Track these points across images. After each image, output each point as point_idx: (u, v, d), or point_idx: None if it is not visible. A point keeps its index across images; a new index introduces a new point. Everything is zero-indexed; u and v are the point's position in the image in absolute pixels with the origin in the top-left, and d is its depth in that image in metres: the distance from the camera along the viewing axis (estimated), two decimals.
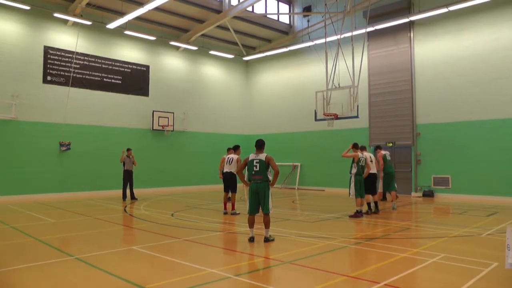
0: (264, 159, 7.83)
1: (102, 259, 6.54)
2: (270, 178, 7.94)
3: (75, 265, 6.19)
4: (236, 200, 12.25)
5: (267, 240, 7.82)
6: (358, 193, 11.38)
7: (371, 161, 12.27)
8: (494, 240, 8.05)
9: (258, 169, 7.81)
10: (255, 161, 7.87)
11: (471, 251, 7.07)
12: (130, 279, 5.38)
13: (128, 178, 15.56)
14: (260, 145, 8.05)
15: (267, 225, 7.87)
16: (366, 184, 11.80)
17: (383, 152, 13.00)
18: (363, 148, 12.41)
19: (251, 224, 7.92)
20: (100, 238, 8.53)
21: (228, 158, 12.07)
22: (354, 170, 11.54)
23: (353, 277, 5.49)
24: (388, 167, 12.95)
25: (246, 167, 8.11)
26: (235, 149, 12.29)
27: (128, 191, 15.70)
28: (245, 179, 8.31)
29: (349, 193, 11.52)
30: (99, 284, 5.31)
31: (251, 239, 7.82)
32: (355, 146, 11.97)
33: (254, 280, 5.49)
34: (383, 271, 5.86)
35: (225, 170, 12.06)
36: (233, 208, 11.93)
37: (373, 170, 12.22)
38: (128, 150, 15.70)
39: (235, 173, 11.75)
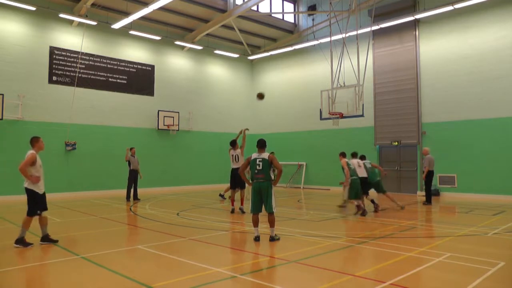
0: (267, 158, 7.93)
1: (108, 258, 6.57)
2: (273, 177, 8.00)
3: (81, 264, 6.22)
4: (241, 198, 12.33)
5: (272, 239, 7.86)
6: (353, 195, 11.54)
7: (359, 166, 12.23)
8: (501, 239, 8.01)
9: (261, 167, 7.89)
10: (258, 160, 7.95)
11: (477, 250, 7.03)
12: (136, 278, 5.41)
13: (134, 178, 15.27)
14: (262, 144, 8.17)
15: (272, 224, 7.91)
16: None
17: (346, 159, 12.46)
18: (354, 155, 12.68)
19: (255, 223, 7.93)
20: (106, 237, 8.57)
21: (234, 155, 12.09)
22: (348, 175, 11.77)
23: (358, 277, 5.48)
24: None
25: (249, 166, 8.16)
26: (233, 144, 12.17)
27: (132, 190, 15.54)
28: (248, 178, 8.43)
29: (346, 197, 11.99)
30: (105, 283, 5.33)
31: (257, 238, 7.83)
32: (342, 154, 12.36)
33: (260, 279, 5.49)
34: (389, 270, 5.85)
35: (233, 167, 12.07)
36: (242, 203, 11.97)
37: (363, 174, 12.16)
38: (132, 149, 15.38)
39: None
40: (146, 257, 6.74)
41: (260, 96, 13.22)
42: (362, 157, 13.00)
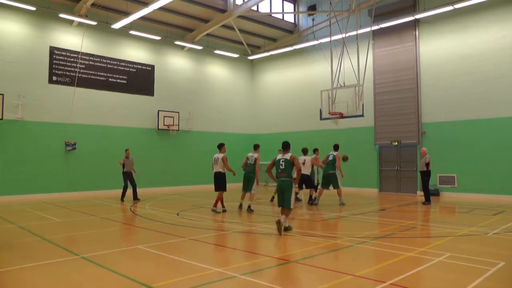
0: (289, 158, 8.67)
1: (108, 258, 6.57)
2: (295, 176, 8.68)
3: (81, 264, 6.22)
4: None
5: (285, 229, 8.63)
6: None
7: (303, 163, 13.58)
8: (501, 239, 8.00)
9: (283, 167, 8.67)
10: (281, 160, 8.75)
11: (477, 250, 7.03)
12: (136, 278, 5.40)
13: (128, 179, 14.97)
14: (286, 146, 8.93)
15: (286, 215, 8.69)
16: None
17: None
18: (304, 151, 14.30)
19: (282, 212, 8.74)
20: (106, 237, 8.56)
21: (215, 158, 12.07)
22: None
23: (358, 276, 5.48)
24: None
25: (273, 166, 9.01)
26: (220, 147, 12.16)
27: (128, 191, 15.23)
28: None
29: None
30: (105, 283, 5.33)
31: (278, 222, 8.37)
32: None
33: (260, 279, 5.48)
34: (389, 270, 5.84)
35: (214, 170, 12.08)
36: (215, 205, 11.99)
37: (305, 171, 13.41)
38: (126, 150, 15.17)
39: (223, 172, 11.94)
40: (146, 257, 6.73)
41: (346, 158, 14.81)
42: (335, 147, 14.48)
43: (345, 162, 15.64)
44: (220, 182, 12.02)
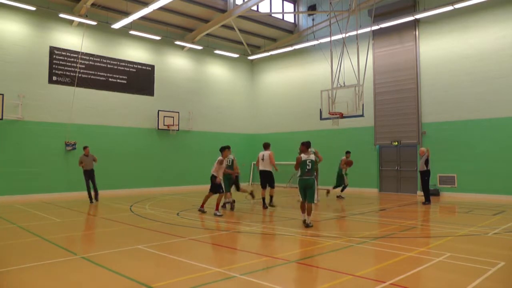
0: (314, 160, 9.52)
1: (107, 258, 6.57)
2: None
3: (80, 264, 6.22)
4: (237, 201, 12.47)
5: (307, 225, 9.33)
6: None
7: (263, 159, 12.95)
8: (501, 239, 8.01)
9: (310, 167, 9.42)
10: (308, 161, 9.43)
11: (477, 250, 7.03)
12: (136, 278, 5.40)
13: (89, 177, 14.72)
14: (309, 146, 9.76)
15: (309, 213, 9.41)
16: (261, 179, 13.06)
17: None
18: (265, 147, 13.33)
19: (303, 210, 9.59)
20: (106, 237, 8.56)
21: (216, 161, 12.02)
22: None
23: (358, 276, 5.48)
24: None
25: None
26: (222, 150, 12.11)
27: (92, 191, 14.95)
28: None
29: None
30: (105, 283, 5.33)
31: (305, 221, 9.42)
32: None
33: (259, 279, 5.48)
34: (389, 270, 5.84)
35: (212, 173, 12.02)
36: (216, 208, 11.80)
37: (264, 167, 12.93)
38: (85, 148, 14.92)
39: (216, 175, 11.90)
40: (146, 257, 6.73)
41: (350, 163, 15.71)
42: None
43: (350, 167, 16.25)
44: (212, 183, 11.95)
